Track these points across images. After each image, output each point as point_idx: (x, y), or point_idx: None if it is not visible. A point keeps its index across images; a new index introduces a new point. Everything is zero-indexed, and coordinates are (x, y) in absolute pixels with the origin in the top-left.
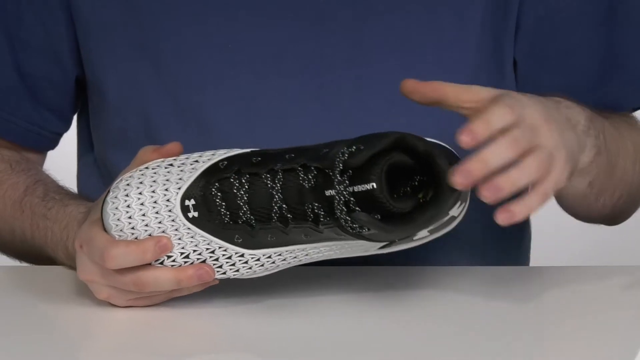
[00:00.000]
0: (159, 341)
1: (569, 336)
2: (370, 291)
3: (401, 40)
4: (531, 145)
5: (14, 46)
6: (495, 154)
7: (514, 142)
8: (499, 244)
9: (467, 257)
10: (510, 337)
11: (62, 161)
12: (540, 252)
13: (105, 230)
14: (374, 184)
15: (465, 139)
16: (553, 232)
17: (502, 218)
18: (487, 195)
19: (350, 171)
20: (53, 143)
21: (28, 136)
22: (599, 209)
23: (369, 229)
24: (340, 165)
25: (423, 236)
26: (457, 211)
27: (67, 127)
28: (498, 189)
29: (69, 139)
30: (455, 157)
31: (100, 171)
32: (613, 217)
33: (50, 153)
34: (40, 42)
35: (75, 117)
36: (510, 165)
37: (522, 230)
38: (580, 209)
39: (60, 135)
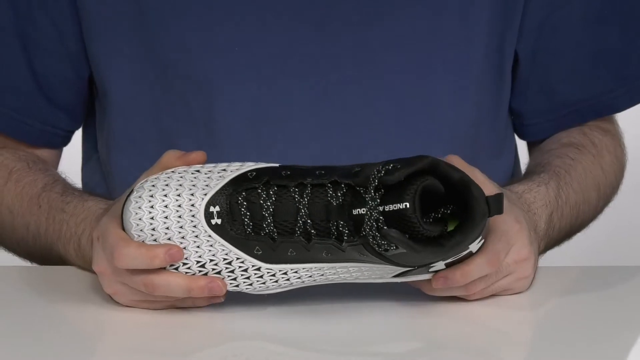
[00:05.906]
0: (164, 341)
1: (569, 336)
2: (370, 291)
3: (407, 42)
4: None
5: (27, 47)
6: (476, 272)
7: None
8: None
9: None
10: (511, 337)
11: (68, 164)
12: None
13: (124, 228)
14: (407, 204)
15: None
16: None
17: (438, 283)
18: (438, 286)
19: (382, 190)
20: (65, 140)
21: (41, 136)
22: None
23: (396, 247)
24: (376, 181)
25: (439, 268)
26: (476, 247)
27: (79, 124)
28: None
29: (74, 141)
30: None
31: (102, 170)
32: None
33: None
34: (53, 42)
35: None
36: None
37: None
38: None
39: (72, 132)
